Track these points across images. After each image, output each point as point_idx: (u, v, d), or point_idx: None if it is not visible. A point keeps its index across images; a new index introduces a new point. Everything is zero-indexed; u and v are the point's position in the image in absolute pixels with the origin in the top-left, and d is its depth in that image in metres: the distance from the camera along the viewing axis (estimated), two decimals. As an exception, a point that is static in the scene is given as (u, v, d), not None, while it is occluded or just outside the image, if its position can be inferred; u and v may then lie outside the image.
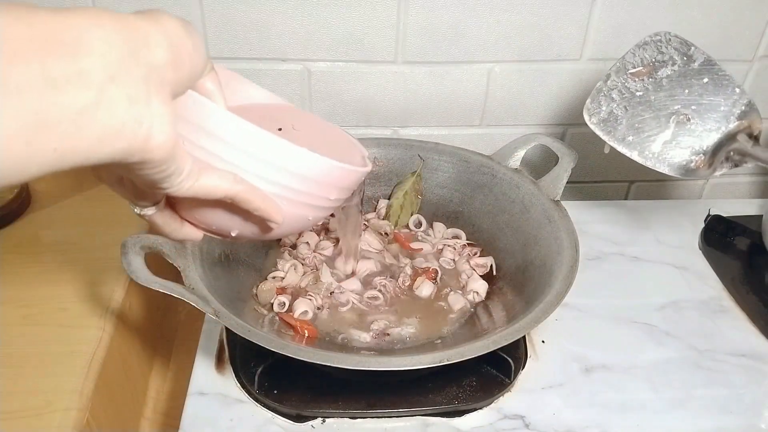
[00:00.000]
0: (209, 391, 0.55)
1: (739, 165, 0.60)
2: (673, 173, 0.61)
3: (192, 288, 0.50)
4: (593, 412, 0.55)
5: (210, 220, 0.38)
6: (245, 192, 0.34)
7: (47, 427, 0.47)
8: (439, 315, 0.59)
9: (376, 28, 0.72)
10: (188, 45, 0.29)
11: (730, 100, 0.61)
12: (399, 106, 0.79)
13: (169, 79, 0.28)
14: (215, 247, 0.59)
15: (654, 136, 0.61)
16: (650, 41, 0.62)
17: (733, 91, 0.61)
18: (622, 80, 0.62)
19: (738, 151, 0.59)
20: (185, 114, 0.31)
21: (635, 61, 0.62)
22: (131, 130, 0.26)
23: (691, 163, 0.60)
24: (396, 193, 0.71)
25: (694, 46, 0.62)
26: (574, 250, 0.57)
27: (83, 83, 0.24)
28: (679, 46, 0.62)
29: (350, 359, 0.47)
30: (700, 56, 0.62)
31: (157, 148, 0.27)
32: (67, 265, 0.62)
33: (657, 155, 0.61)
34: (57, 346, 0.54)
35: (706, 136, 0.61)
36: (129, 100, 0.26)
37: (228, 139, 0.33)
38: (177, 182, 0.30)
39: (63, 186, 0.74)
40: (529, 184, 0.66)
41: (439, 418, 0.53)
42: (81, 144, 0.25)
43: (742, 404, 0.56)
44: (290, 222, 0.38)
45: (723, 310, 0.66)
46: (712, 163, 0.61)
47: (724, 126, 0.61)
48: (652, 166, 0.61)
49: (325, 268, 0.62)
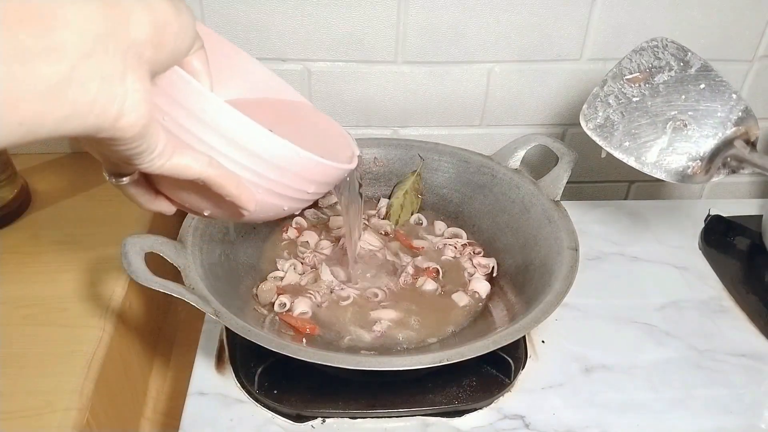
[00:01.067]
0: (209, 391, 0.55)
1: (736, 171, 0.60)
2: (669, 179, 0.61)
3: (192, 288, 0.50)
4: (593, 412, 0.55)
5: (183, 197, 0.37)
6: (218, 176, 0.33)
7: (47, 427, 0.47)
8: (441, 314, 0.59)
9: (376, 28, 0.72)
10: (174, 25, 0.28)
11: (727, 106, 0.61)
12: (399, 106, 0.79)
13: (148, 58, 0.27)
14: (215, 247, 0.59)
15: (651, 142, 0.61)
16: (647, 47, 0.62)
17: (730, 97, 0.61)
18: (619, 86, 0.62)
19: (735, 157, 0.59)
20: (168, 90, 0.31)
21: (632, 67, 0.62)
22: (102, 108, 0.25)
23: (688, 169, 0.60)
24: (396, 193, 0.71)
25: (691, 52, 0.62)
26: (574, 250, 0.57)
27: (55, 58, 0.23)
28: (675, 51, 0.62)
29: (350, 359, 0.47)
30: (696, 62, 0.62)
31: (128, 126, 0.27)
32: (67, 265, 0.62)
33: (654, 161, 0.61)
34: (57, 346, 0.54)
35: (703, 142, 0.61)
36: (102, 78, 0.25)
37: (207, 121, 0.32)
38: (148, 160, 0.30)
39: (63, 186, 0.74)
40: (529, 184, 0.66)
41: (439, 418, 0.53)
42: (48, 119, 0.24)
43: (742, 404, 0.56)
44: (265, 209, 0.38)
45: (723, 310, 0.66)
46: (709, 170, 0.61)
47: (721, 132, 0.61)
48: (648, 172, 0.61)
49: (325, 266, 0.62)
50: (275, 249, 0.66)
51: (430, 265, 0.64)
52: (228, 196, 0.34)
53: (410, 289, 0.62)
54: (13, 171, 0.69)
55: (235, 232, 0.62)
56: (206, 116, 0.32)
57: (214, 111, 0.32)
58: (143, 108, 0.27)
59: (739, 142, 0.60)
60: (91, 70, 0.25)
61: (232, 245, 0.61)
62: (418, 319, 0.58)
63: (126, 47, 0.26)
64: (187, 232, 0.56)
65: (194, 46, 0.32)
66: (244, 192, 0.35)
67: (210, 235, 0.59)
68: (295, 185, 0.37)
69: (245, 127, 0.33)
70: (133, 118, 0.27)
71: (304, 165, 0.36)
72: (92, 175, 0.75)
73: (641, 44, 0.63)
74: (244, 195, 0.35)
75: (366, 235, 0.66)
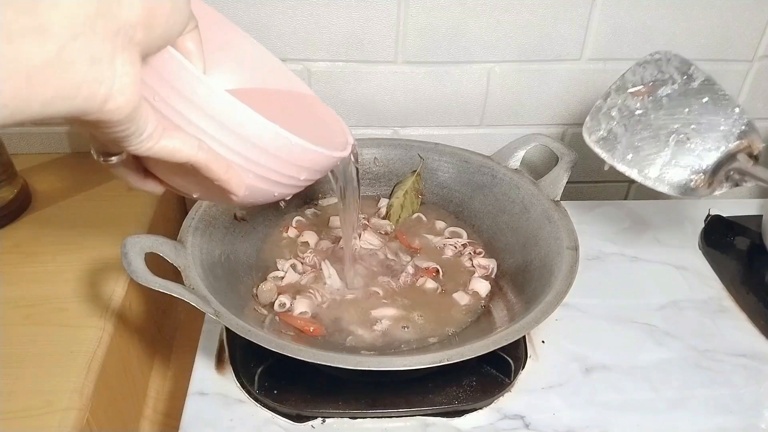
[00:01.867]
0: (209, 391, 0.55)
1: (739, 184, 0.60)
2: (672, 193, 0.61)
3: (192, 288, 0.50)
4: (593, 412, 0.54)
5: (172, 178, 0.37)
6: (208, 161, 0.33)
7: (47, 427, 0.47)
8: (442, 313, 0.59)
9: (376, 28, 0.72)
10: (166, 5, 0.28)
11: (730, 119, 0.61)
12: (399, 106, 0.79)
13: (139, 39, 0.27)
14: (215, 247, 0.59)
15: (654, 155, 0.61)
16: (650, 60, 0.62)
17: (733, 110, 0.61)
18: (622, 99, 0.62)
19: (738, 171, 0.59)
20: (160, 70, 0.30)
21: (635, 80, 0.62)
22: (89, 90, 0.25)
23: (690, 182, 0.60)
24: (396, 193, 0.71)
25: (694, 65, 0.62)
26: (574, 250, 0.57)
27: (43, 38, 0.23)
28: (679, 65, 0.62)
29: (350, 359, 0.47)
30: (700, 75, 0.62)
31: (116, 109, 0.26)
32: (67, 265, 0.62)
33: (656, 175, 0.61)
34: (57, 346, 0.54)
35: (705, 155, 0.61)
36: (91, 59, 0.24)
37: (198, 103, 0.31)
38: (136, 142, 0.29)
39: (63, 186, 0.74)
40: (529, 184, 0.66)
41: (439, 418, 0.53)
42: (33, 101, 0.24)
43: (742, 404, 0.56)
44: (254, 194, 0.37)
45: (723, 310, 0.66)
46: (712, 183, 0.61)
47: (724, 146, 0.61)
48: (651, 185, 0.61)
49: (326, 265, 0.62)
50: (275, 249, 0.66)
51: (430, 264, 0.64)
52: (217, 181, 0.34)
53: (410, 289, 0.62)
54: (13, 171, 0.69)
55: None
56: (197, 99, 0.31)
57: (206, 93, 0.31)
58: (132, 91, 0.27)
59: (742, 155, 0.60)
60: (80, 52, 0.24)
61: (232, 245, 0.61)
62: (418, 317, 0.58)
63: (116, 28, 0.25)
64: (187, 232, 0.56)
65: (188, 26, 0.32)
66: (234, 177, 0.35)
67: (210, 235, 0.59)
68: (286, 171, 0.37)
69: (236, 111, 0.32)
70: (122, 102, 0.26)
71: (295, 151, 0.36)
72: (92, 175, 0.75)
73: (645, 57, 0.63)
74: (233, 180, 0.35)
75: (366, 234, 0.66)
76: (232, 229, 0.62)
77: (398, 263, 0.64)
